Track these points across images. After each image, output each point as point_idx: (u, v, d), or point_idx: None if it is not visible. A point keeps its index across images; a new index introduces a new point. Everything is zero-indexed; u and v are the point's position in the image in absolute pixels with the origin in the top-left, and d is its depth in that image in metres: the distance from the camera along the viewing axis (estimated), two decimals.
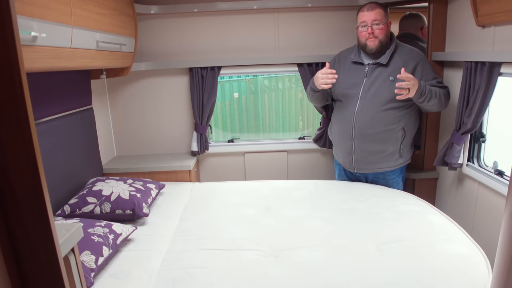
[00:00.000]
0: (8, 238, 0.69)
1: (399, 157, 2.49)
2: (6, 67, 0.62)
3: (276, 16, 3.11)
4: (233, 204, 2.43)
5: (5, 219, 0.69)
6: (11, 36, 0.61)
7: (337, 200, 2.39)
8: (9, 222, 0.69)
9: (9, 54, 0.62)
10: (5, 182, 0.67)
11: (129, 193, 2.27)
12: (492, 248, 2.12)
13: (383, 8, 2.36)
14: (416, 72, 2.35)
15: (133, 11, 2.70)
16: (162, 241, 1.99)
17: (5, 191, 0.68)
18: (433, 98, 2.27)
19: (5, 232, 0.69)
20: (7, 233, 0.69)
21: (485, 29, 2.18)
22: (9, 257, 0.70)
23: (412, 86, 2.15)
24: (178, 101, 3.32)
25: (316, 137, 3.24)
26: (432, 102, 2.28)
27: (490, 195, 2.26)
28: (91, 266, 1.58)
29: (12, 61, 0.62)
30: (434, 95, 2.27)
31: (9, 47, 0.62)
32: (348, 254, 1.78)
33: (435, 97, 2.27)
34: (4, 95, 0.63)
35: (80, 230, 1.05)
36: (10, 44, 0.62)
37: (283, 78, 3.63)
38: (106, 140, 3.21)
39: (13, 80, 0.63)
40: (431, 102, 2.28)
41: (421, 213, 2.16)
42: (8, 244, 0.70)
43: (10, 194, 0.68)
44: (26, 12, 1.38)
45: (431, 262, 1.67)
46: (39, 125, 2.14)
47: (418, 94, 2.21)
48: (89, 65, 2.13)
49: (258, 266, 1.71)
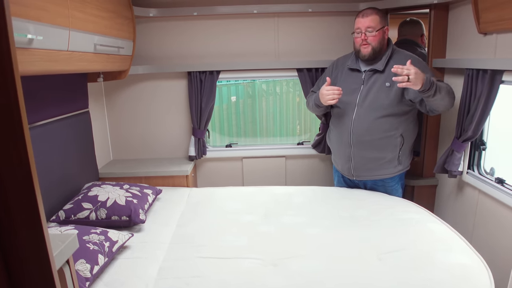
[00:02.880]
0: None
1: (398, 164, 2.47)
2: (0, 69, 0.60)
3: (276, 20, 3.09)
4: (231, 211, 2.40)
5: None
6: (5, 38, 0.59)
7: (336, 207, 2.37)
8: (1, 235, 0.66)
9: (2, 56, 0.59)
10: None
11: (125, 198, 2.23)
12: (492, 257, 2.10)
13: (379, 14, 2.33)
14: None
15: (131, 13, 2.68)
16: (159, 249, 1.96)
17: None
18: (443, 90, 2.12)
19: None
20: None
21: (487, 36, 2.17)
22: (0, 270, 0.67)
23: (413, 74, 1.99)
24: (176, 105, 3.29)
25: (315, 143, 3.22)
26: (443, 95, 2.12)
27: (490, 203, 2.24)
28: (86, 275, 1.54)
29: (6, 63, 0.60)
30: (443, 88, 2.14)
31: (2, 49, 0.59)
32: (348, 263, 1.76)
33: (444, 90, 2.14)
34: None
35: (76, 240, 1.01)
36: (4, 46, 0.59)
37: (281, 82, 3.61)
38: (102, 144, 3.17)
39: (6, 83, 0.60)
40: (441, 95, 2.12)
41: (421, 221, 2.14)
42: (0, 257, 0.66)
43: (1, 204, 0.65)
44: (22, 14, 1.35)
45: (432, 272, 1.65)
46: (34, 128, 2.10)
47: (428, 84, 2.03)
48: (86, 68, 2.10)
49: (257, 275, 1.68)
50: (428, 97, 2.12)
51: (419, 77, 2.00)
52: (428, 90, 2.06)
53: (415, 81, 2.00)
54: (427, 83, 2.03)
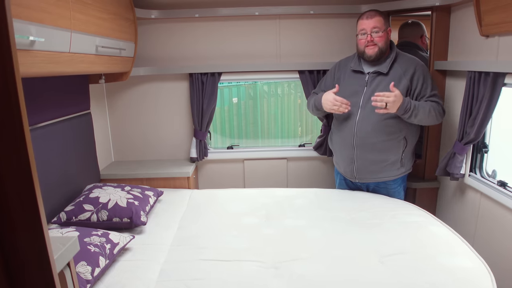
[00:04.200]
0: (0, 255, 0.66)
1: (400, 166, 2.47)
2: (0, 71, 0.60)
3: (278, 22, 3.09)
4: (232, 213, 2.39)
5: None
6: (6, 40, 0.59)
7: (337, 210, 2.36)
8: (2, 238, 0.65)
9: (3, 58, 0.59)
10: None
11: (126, 200, 2.22)
12: (495, 260, 2.08)
13: (382, 16, 2.34)
14: (414, 81, 2.32)
15: (133, 15, 2.68)
16: (160, 251, 1.95)
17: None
18: (420, 114, 2.25)
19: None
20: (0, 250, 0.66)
21: (489, 39, 2.16)
22: (1, 274, 0.66)
23: (391, 102, 2.16)
24: (177, 107, 3.29)
25: (317, 145, 3.21)
26: (420, 118, 2.27)
27: (493, 206, 2.23)
28: (87, 277, 1.54)
29: (7, 65, 0.60)
30: (423, 111, 2.25)
31: (3, 51, 0.59)
32: (350, 266, 1.75)
33: (424, 113, 2.25)
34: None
35: (77, 243, 1.01)
36: (5, 48, 0.59)
37: (282, 84, 3.60)
38: (104, 145, 3.17)
39: (7, 85, 0.60)
40: (418, 118, 2.26)
41: (423, 224, 2.13)
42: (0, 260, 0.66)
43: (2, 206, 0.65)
44: (24, 16, 1.35)
45: (434, 275, 1.64)
46: (36, 130, 2.10)
47: (402, 110, 2.21)
48: (88, 70, 2.10)
49: (258, 278, 1.67)
50: (403, 118, 2.30)
51: (396, 105, 2.19)
52: (403, 114, 2.25)
53: (391, 107, 2.19)
54: (401, 109, 2.22)
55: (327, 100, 2.40)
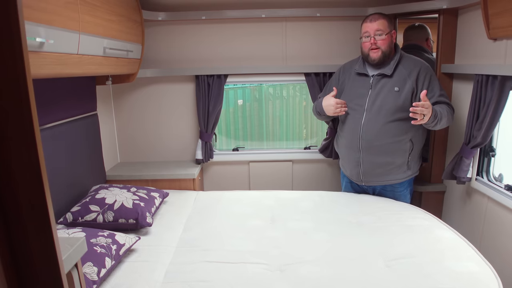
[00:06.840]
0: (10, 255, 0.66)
1: (407, 169, 2.45)
2: (12, 73, 0.61)
3: (284, 25, 3.09)
4: (238, 215, 2.39)
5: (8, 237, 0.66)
6: (18, 42, 0.60)
7: (343, 213, 2.35)
8: (12, 239, 0.66)
9: (15, 60, 0.60)
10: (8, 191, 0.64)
11: (132, 201, 2.23)
12: (502, 265, 2.07)
13: (386, 19, 2.33)
14: (419, 82, 2.32)
15: (140, 17, 2.69)
16: (165, 252, 1.96)
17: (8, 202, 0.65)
18: (443, 120, 2.23)
19: (7, 250, 0.66)
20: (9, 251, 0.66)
21: (497, 42, 2.15)
22: (10, 274, 0.67)
23: (427, 113, 2.11)
24: (183, 109, 3.30)
25: (322, 148, 3.21)
26: (442, 124, 2.26)
27: (500, 210, 2.21)
28: (93, 278, 1.54)
29: (19, 67, 0.61)
30: (445, 115, 2.24)
31: (16, 53, 0.60)
32: (356, 269, 1.74)
33: (445, 117, 2.24)
34: (10, 101, 0.62)
35: (84, 244, 1.01)
36: (17, 50, 0.60)
37: (288, 86, 3.60)
38: (110, 146, 3.18)
39: (19, 87, 0.61)
40: (441, 124, 2.25)
41: (429, 228, 2.11)
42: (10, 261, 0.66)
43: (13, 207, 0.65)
44: (34, 18, 1.36)
45: (440, 280, 1.62)
46: (43, 131, 2.12)
47: (432, 118, 2.16)
48: (95, 71, 2.11)
49: (264, 281, 1.67)
50: (429, 127, 2.28)
51: (429, 114, 2.12)
52: (431, 123, 2.20)
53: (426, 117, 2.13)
54: (432, 118, 2.15)
55: (329, 105, 2.42)
